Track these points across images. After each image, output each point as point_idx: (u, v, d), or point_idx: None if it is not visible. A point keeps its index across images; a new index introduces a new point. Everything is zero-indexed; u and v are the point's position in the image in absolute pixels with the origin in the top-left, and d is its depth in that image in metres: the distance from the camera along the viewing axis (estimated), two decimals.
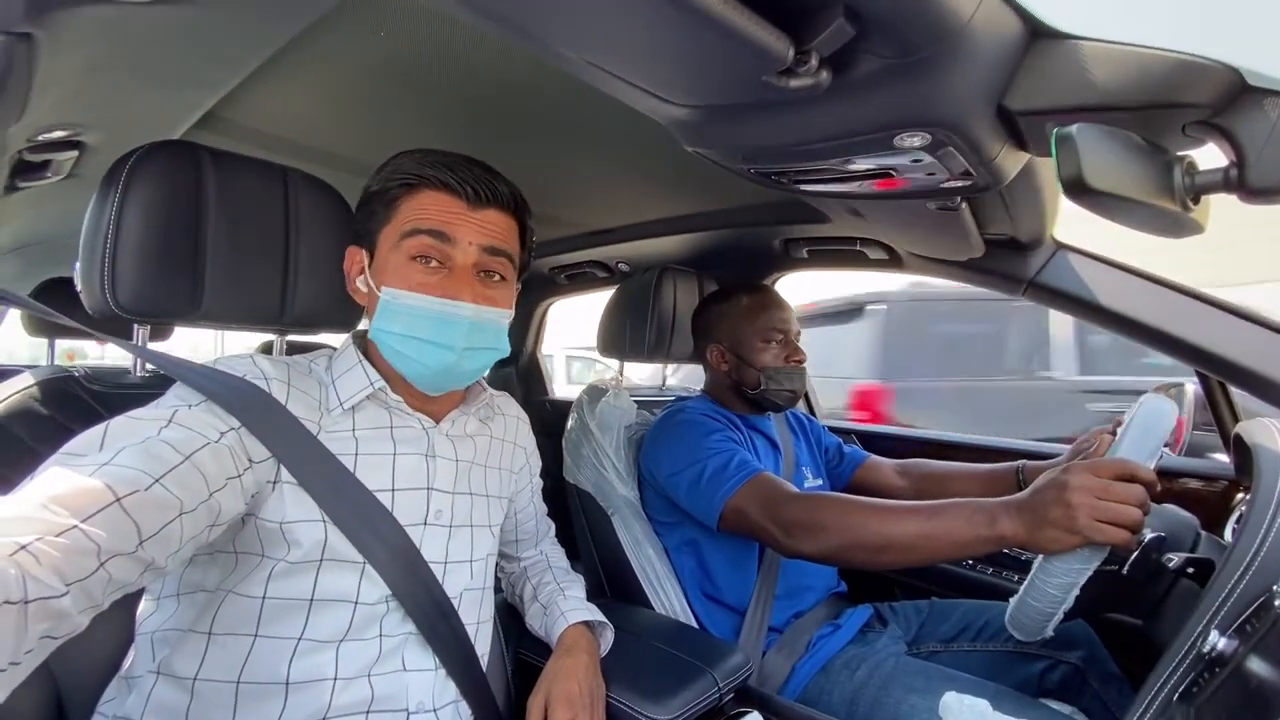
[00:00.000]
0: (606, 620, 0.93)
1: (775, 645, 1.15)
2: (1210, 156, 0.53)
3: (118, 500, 0.48)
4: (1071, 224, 1.11)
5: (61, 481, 0.47)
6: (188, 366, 0.65)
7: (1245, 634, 0.56)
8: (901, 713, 0.97)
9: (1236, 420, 1.17)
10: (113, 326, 0.75)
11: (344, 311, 0.84)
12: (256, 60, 0.79)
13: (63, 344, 2.34)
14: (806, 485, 1.33)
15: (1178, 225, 0.55)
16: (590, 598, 0.96)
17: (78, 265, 0.72)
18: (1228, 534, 0.97)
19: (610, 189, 1.43)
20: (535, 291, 2.25)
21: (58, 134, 0.91)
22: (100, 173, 0.71)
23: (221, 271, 0.74)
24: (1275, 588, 0.54)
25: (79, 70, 0.73)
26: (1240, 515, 0.99)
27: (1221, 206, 0.58)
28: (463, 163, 0.73)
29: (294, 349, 0.89)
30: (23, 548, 0.41)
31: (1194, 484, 1.25)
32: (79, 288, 0.72)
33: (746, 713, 0.86)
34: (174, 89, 0.85)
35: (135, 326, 0.78)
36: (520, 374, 2.45)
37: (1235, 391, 1.17)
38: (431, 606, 0.71)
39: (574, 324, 1.67)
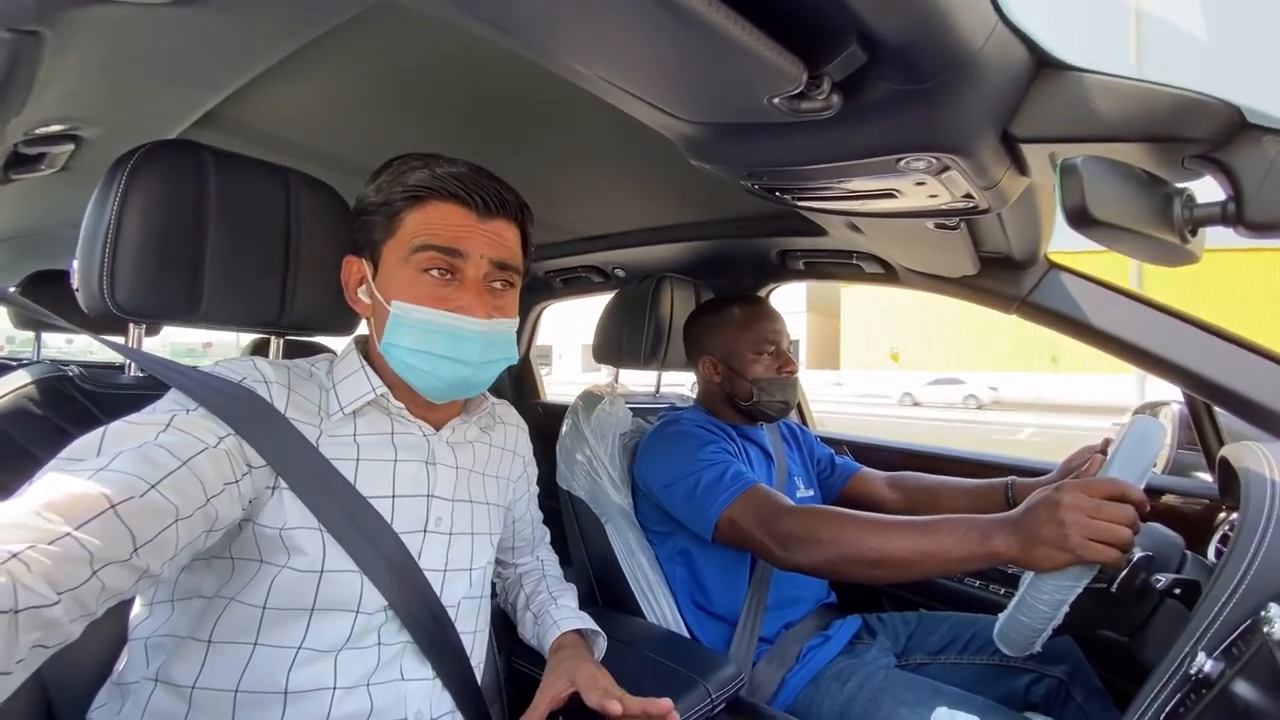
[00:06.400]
0: (599, 629, 0.92)
1: (765, 656, 1.15)
2: (1209, 190, 0.54)
3: (112, 507, 0.47)
4: None
5: (56, 487, 0.47)
6: (182, 371, 0.64)
7: (1232, 657, 0.57)
8: None
9: (1221, 441, 1.19)
10: (105, 324, 0.74)
11: (343, 315, 0.83)
12: (263, 64, 0.78)
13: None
14: (799, 496, 1.34)
15: (1175, 255, 0.57)
16: (582, 605, 0.96)
17: (74, 263, 0.71)
18: (1211, 553, 0.98)
19: (609, 195, 1.43)
20: (530, 295, 2.24)
21: (55, 128, 0.90)
22: (95, 168, 0.70)
23: (221, 272, 0.74)
24: (1262, 612, 0.55)
25: (83, 67, 0.72)
26: (1224, 535, 1.01)
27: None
28: (469, 172, 0.71)
29: (291, 348, 0.89)
30: (14, 555, 0.41)
31: (1178, 502, 1.27)
32: (75, 286, 0.71)
33: None
34: (178, 88, 0.85)
35: (130, 325, 0.77)
36: (513, 377, 2.44)
37: (1219, 412, 1.19)
38: (428, 616, 0.71)
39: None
